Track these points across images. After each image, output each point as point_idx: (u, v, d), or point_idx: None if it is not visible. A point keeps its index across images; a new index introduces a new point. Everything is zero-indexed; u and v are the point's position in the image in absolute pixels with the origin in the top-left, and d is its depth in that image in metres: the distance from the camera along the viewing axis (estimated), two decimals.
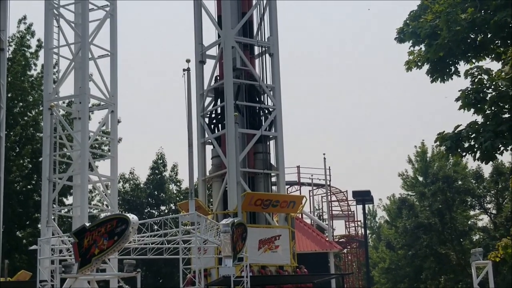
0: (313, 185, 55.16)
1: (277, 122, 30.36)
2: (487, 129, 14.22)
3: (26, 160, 41.35)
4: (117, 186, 29.43)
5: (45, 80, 29.19)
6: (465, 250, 50.09)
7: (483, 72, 14.70)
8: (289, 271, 28.44)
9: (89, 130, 28.31)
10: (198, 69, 31.24)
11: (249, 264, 24.24)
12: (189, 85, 22.40)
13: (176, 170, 53.51)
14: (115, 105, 28.83)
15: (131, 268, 23.91)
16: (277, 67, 31.01)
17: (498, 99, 14.38)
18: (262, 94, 30.61)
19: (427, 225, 51.45)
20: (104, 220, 19.92)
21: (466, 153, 14.91)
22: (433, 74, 16.48)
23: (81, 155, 27.28)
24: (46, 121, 28.03)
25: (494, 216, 51.57)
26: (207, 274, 26.99)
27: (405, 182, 65.80)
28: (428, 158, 63.55)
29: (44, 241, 23.23)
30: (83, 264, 19.82)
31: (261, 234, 28.44)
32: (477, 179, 52.28)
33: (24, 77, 42.27)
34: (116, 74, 29.20)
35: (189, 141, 22.43)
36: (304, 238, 41.62)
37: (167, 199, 51.74)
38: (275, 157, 30.43)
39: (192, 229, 21.04)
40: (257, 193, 28.79)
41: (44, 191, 26.86)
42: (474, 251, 29.06)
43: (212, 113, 31.13)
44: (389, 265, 65.48)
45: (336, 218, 57.70)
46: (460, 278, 51.19)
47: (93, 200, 42.81)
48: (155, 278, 49.03)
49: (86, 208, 26.92)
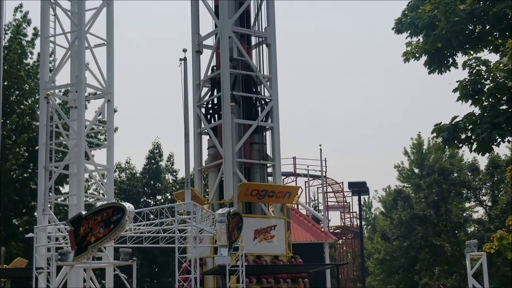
0: (309, 176, 55.22)
1: (273, 113, 30.38)
2: (485, 121, 14.22)
3: (23, 149, 41.30)
4: (113, 175, 29.43)
5: (41, 69, 29.11)
6: (460, 241, 50.23)
7: (481, 63, 14.69)
8: (284, 261, 28.52)
9: (85, 119, 28.27)
10: (194, 59, 31.22)
11: (244, 253, 24.31)
12: (186, 75, 22.43)
13: (172, 160, 53.56)
14: (111, 94, 28.79)
15: (127, 256, 23.96)
16: (274, 58, 31.01)
17: (495, 90, 14.37)
18: (258, 84, 30.62)
19: (422, 216, 51.55)
20: (100, 209, 19.94)
21: (462, 144, 14.90)
22: (430, 66, 16.47)
23: (77, 144, 27.25)
24: (42, 110, 27.99)
25: (490, 209, 51.68)
26: (202, 263, 27.08)
27: (401, 174, 65.94)
28: (424, 150, 63.68)
29: (40, 229, 23.25)
30: (79, 252, 19.86)
31: (257, 224, 28.52)
32: (473, 172, 52.37)
33: (20, 66, 42.16)
34: (112, 63, 29.14)
35: (186, 131, 22.44)
36: (300, 228, 41.69)
37: (163, 188, 51.77)
38: (271, 148, 30.48)
39: (188, 219, 21.08)
40: (253, 184, 28.83)
41: (40, 180, 26.86)
42: (468, 243, 29.16)
43: (208, 103, 31.13)
44: (384, 256, 65.65)
45: (332, 209, 57.85)
46: (454, 269, 51.35)
47: (89, 189, 42.82)
48: (151, 266, 49.11)
49: (82, 197, 26.93)
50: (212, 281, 27.83)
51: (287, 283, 28.13)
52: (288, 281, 28.18)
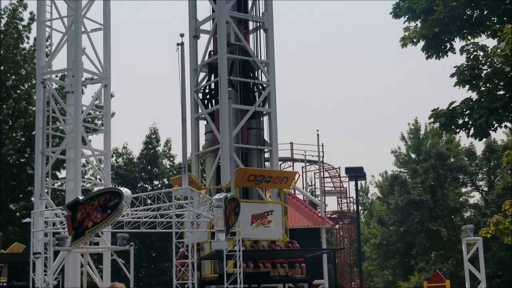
0: (306, 161, 55.32)
1: (270, 98, 30.33)
2: (482, 106, 14.22)
3: (19, 134, 41.28)
4: (110, 161, 29.43)
5: (38, 54, 29.02)
6: (456, 226, 50.38)
7: (479, 48, 14.66)
8: (281, 246, 28.57)
9: (82, 104, 28.21)
10: (192, 44, 31.13)
11: (241, 238, 24.35)
12: (183, 60, 22.35)
13: (169, 145, 53.52)
14: (108, 79, 28.72)
15: (124, 241, 24.04)
16: (272, 43, 30.92)
17: (493, 75, 14.35)
18: (256, 69, 30.55)
19: (419, 201, 51.67)
20: (97, 194, 19.93)
21: (460, 129, 14.91)
22: (428, 51, 16.46)
23: (74, 129, 27.21)
24: (39, 95, 27.92)
25: (486, 194, 51.80)
26: (199, 248, 27.10)
27: (398, 159, 66.06)
28: (421, 136, 63.75)
29: (37, 214, 23.26)
30: (76, 237, 19.87)
31: (254, 209, 28.54)
32: (469, 157, 52.45)
33: (16, 50, 42.04)
34: (109, 48, 29.05)
35: (183, 116, 22.40)
36: (297, 213, 41.78)
37: (160, 174, 51.77)
38: (268, 133, 30.45)
39: (185, 204, 21.09)
40: (250, 169, 28.84)
41: (37, 165, 26.84)
42: (465, 228, 29.26)
43: (205, 88, 31.07)
44: (381, 241, 65.88)
45: (329, 194, 57.97)
46: (450, 254, 51.51)
47: (86, 174, 42.82)
48: (148, 251, 49.20)
49: (79, 182, 26.93)
50: (209, 266, 27.89)
51: (284, 268, 28.20)
52: (285, 266, 28.25)
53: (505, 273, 47.88)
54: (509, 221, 19.05)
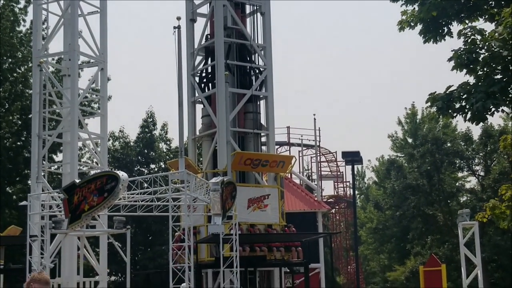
0: (303, 146, 55.29)
1: (267, 82, 30.30)
2: (479, 90, 14.18)
3: (16, 117, 41.21)
4: (107, 144, 29.39)
5: (34, 36, 28.91)
6: (452, 211, 50.50)
7: (476, 32, 14.61)
8: (277, 229, 28.64)
9: (78, 87, 28.14)
10: (188, 27, 31.04)
11: (238, 222, 24.40)
12: (180, 43, 22.28)
13: (166, 128, 53.47)
14: (104, 63, 28.62)
15: (121, 224, 24.06)
16: (269, 27, 30.85)
17: (490, 59, 14.31)
18: (253, 53, 30.49)
19: (415, 186, 51.77)
20: (94, 177, 19.95)
21: (457, 113, 14.88)
22: (426, 35, 16.39)
23: (70, 112, 27.15)
24: (35, 78, 27.83)
25: (482, 178, 51.92)
26: (196, 231, 27.17)
27: (395, 144, 66.10)
28: (417, 120, 63.76)
29: (34, 197, 23.26)
30: (73, 220, 19.90)
31: (251, 193, 28.58)
32: (466, 141, 52.51)
33: (13, 33, 41.89)
34: (106, 31, 28.93)
35: (179, 100, 22.36)
36: (293, 197, 41.82)
37: (156, 157, 51.76)
38: (265, 117, 30.45)
39: (181, 187, 21.10)
40: (247, 153, 28.84)
41: (33, 148, 26.79)
42: (461, 212, 29.31)
43: (202, 72, 31.02)
44: (377, 225, 66.05)
45: (325, 178, 58.01)
46: (446, 238, 51.70)
47: (82, 158, 42.81)
48: (144, 235, 49.29)
49: (76, 165, 26.91)
50: (205, 249, 27.96)
51: (280, 252, 28.28)
52: (281, 250, 28.32)
53: (500, 257, 48.13)
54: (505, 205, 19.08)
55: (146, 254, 48.33)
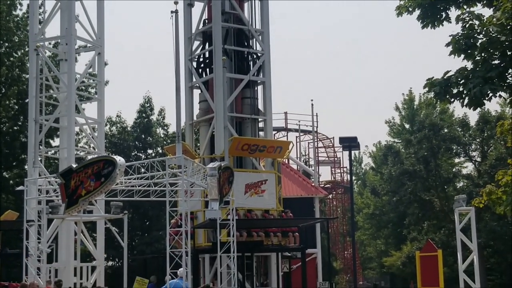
0: (300, 131, 55.33)
1: (265, 67, 30.24)
2: (477, 75, 14.14)
3: (12, 101, 41.15)
4: (104, 129, 29.39)
5: (31, 21, 28.81)
6: (448, 196, 50.54)
7: (475, 17, 14.56)
8: (274, 215, 28.67)
9: (75, 72, 28.10)
10: (186, 12, 30.93)
11: (235, 207, 24.42)
12: (177, 28, 22.20)
13: (163, 114, 53.40)
14: (102, 47, 28.57)
15: (118, 210, 24.09)
16: (266, 12, 30.75)
17: (488, 45, 14.26)
18: (250, 38, 30.41)
19: (412, 172, 51.76)
20: (91, 162, 19.95)
21: (454, 99, 14.84)
22: (424, 20, 16.31)
23: (67, 97, 27.13)
24: (32, 62, 27.78)
25: (479, 164, 51.90)
26: (193, 217, 27.17)
27: (392, 130, 66.15)
28: (415, 106, 63.76)
29: (31, 182, 23.27)
30: (70, 205, 19.92)
31: (248, 178, 28.59)
32: (463, 127, 52.43)
33: (9, 17, 41.74)
34: (103, 16, 28.86)
35: (177, 85, 22.32)
36: (290, 183, 41.89)
37: (154, 142, 51.71)
38: (262, 103, 30.41)
39: (179, 172, 21.10)
40: (244, 138, 28.82)
41: (30, 132, 26.78)
42: (457, 198, 29.36)
43: (200, 57, 30.94)
44: (374, 211, 66.14)
45: (322, 164, 58.10)
46: (443, 224, 51.77)
47: (79, 143, 42.78)
48: (141, 220, 49.33)
49: (73, 150, 26.90)
50: (203, 234, 28.00)
51: (277, 237, 28.32)
52: (279, 235, 28.37)
53: (496, 243, 48.22)
54: (501, 191, 19.03)
55: (143, 239, 48.39)
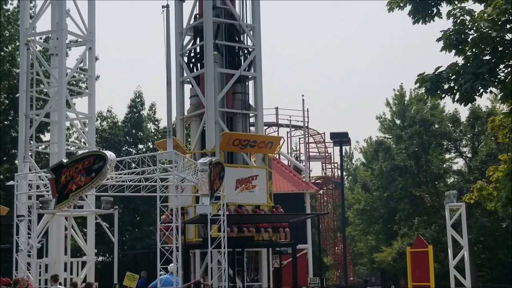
0: (291, 127, 55.35)
1: (256, 63, 30.20)
2: (468, 71, 14.18)
3: (3, 96, 40.99)
4: (94, 124, 29.34)
5: (22, 15, 28.71)
6: (439, 192, 50.67)
7: (466, 13, 14.59)
8: (265, 210, 28.66)
9: (66, 66, 28.02)
10: (177, 6, 30.86)
11: (226, 203, 24.39)
12: (168, 22, 22.14)
13: (154, 109, 53.30)
14: (92, 42, 28.49)
15: (108, 205, 24.06)
16: (258, 7, 30.69)
17: (479, 40, 14.30)
18: (241, 33, 30.35)
19: (403, 167, 51.87)
20: (81, 157, 19.90)
21: (445, 94, 14.88)
22: (415, 15, 16.29)
23: (58, 92, 27.04)
24: (22, 57, 27.70)
25: (469, 160, 52.06)
26: (184, 212, 27.15)
27: (383, 125, 66.23)
28: (406, 102, 63.85)
29: (21, 177, 23.19)
30: (60, 200, 19.85)
31: (239, 173, 28.55)
32: (453, 123, 52.56)
33: (0, 12, 41.54)
34: (94, 11, 28.78)
35: (168, 80, 22.28)
36: (281, 178, 41.87)
37: (145, 137, 51.64)
38: (253, 98, 30.37)
39: (169, 167, 21.07)
40: (235, 133, 28.79)
41: (21, 127, 26.70)
42: (448, 194, 29.45)
43: (191, 52, 30.87)
44: (364, 207, 66.24)
45: (313, 159, 58.14)
46: (433, 219, 51.91)
47: (70, 137, 42.67)
48: (132, 215, 49.28)
49: (64, 145, 26.83)
50: (193, 230, 27.97)
51: (268, 233, 28.31)
52: (269, 231, 28.35)
53: (487, 239, 48.43)
54: (492, 187, 19.09)
55: (133, 235, 48.35)
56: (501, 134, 20.82)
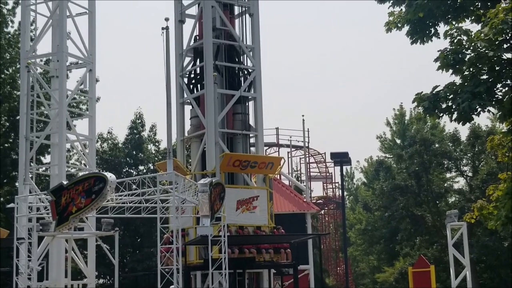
0: (292, 147, 55.35)
1: (256, 83, 30.30)
2: (465, 90, 14.27)
3: (3, 118, 41.08)
4: (95, 146, 29.37)
5: (22, 38, 28.83)
6: (440, 212, 50.57)
7: (463, 33, 14.70)
8: (266, 231, 28.61)
9: (67, 88, 28.10)
10: (177, 28, 31.01)
11: (227, 224, 24.36)
12: (168, 44, 22.30)
13: (154, 130, 53.32)
14: (93, 64, 28.58)
15: (109, 226, 23.99)
16: (257, 28, 30.85)
17: (476, 60, 14.39)
18: (241, 54, 30.49)
19: (404, 187, 51.80)
20: (81, 179, 19.94)
21: (443, 114, 14.96)
22: (413, 36, 16.44)
23: (58, 114, 27.09)
24: (23, 79, 27.77)
25: (470, 179, 52.00)
26: (184, 234, 27.13)
27: (383, 145, 66.31)
28: (406, 121, 63.95)
29: (21, 199, 23.17)
30: (60, 222, 19.87)
31: (239, 194, 28.54)
32: (454, 142, 52.58)
33: (1, 34, 41.75)
34: (94, 33, 28.89)
35: (168, 101, 22.36)
36: (282, 198, 41.83)
37: (145, 159, 51.63)
38: (254, 118, 30.44)
39: (170, 189, 21.07)
40: (236, 154, 28.82)
41: (21, 149, 26.72)
42: (449, 213, 29.42)
43: (191, 73, 30.99)
44: (366, 226, 66.09)
45: (314, 179, 58.08)
46: (435, 239, 51.78)
47: (71, 159, 42.70)
48: (133, 237, 49.17)
49: (64, 167, 26.83)
50: (194, 251, 27.90)
51: (269, 254, 28.25)
52: (271, 252, 28.30)
53: (489, 258, 48.23)
54: (493, 206, 19.11)
55: (134, 256, 48.21)
56: (500, 153, 20.87)
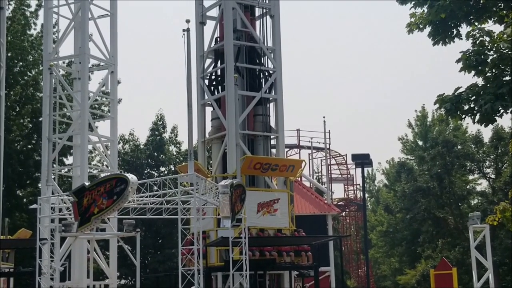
0: (313, 148, 55.28)
1: (277, 85, 30.27)
2: (488, 92, 14.18)
3: (26, 120, 41.41)
4: (117, 147, 29.44)
5: (45, 40, 29.01)
6: (463, 214, 50.32)
7: (485, 34, 14.60)
8: (287, 234, 28.54)
9: (89, 90, 28.21)
10: (198, 30, 31.06)
11: (247, 227, 24.34)
12: (189, 46, 22.33)
13: (176, 131, 53.47)
14: (115, 66, 28.69)
15: (130, 227, 24.07)
16: (278, 29, 30.82)
17: (499, 61, 14.30)
18: (262, 56, 30.47)
19: (426, 189, 51.59)
20: (103, 180, 20.01)
21: (465, 115, 14.88)
22: (435, 37, 16.35)
23: (81, 115, 27.23)
24: (46, 81, 27.94)
25: (493, 181, 51.68)
26: (205, 236, 27.10)
27: (405, 146, 65.97)
28: (428, 123, 63.62)
29: (44, 200, 23.32)
30: (82, 223, 19.98)
31: (260, 197, 28.49)
32: (476, 144, 52.31)
33: (23, 37, 42.11)
34: (116, 35, 29.00)
35: (189, 103, 22.39)
36: (303, 200, 41.78)
37: (166, 160, 51.78)
38: (274, 120, 30.38)
39: (191, 190, 21.10)
40: (256, 157, 28.76)
41: (44, 151, 26.89)
42: (472, 215, 29.22)
43: (212, 74, 31.02)
44: (387, 229, 65.85)
45: (335, 181, 57.95)
46: (457, 241, 51.51)
47: (93, 161, 42.90)
48: (154, 238, 49.30)
49: (86, 168, 26.95)
50: (215, 253, 27.91)
51: (290, 256, 28.19)
52: (291, 255, 28.22)
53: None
54: None
55: (156, 257, 48.34)
56: None
